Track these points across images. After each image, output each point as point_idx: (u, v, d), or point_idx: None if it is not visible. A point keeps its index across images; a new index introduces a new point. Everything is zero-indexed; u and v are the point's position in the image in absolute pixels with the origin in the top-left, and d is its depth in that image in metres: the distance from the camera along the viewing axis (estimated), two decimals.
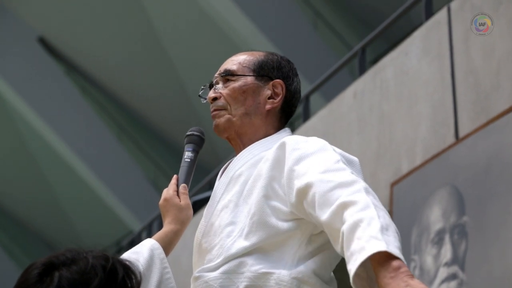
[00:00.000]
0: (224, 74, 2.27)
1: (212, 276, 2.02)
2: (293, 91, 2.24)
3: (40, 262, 1.67)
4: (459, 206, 4.74)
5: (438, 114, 5.24)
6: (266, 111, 2.21)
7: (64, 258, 1.66)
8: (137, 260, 1.98)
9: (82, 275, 1.63)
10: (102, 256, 1.68)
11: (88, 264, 1.65)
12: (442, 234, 4.81)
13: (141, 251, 2.03)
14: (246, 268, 2.00)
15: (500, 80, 4.78)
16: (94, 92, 14.82)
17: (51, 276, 1.64)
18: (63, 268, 1.64)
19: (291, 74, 2.25)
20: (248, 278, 1.99)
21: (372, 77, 6.02)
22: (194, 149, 2.28)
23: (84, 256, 1.67)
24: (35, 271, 1.65)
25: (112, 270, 1.66)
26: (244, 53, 2.30)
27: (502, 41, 4.83)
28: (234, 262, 2.01)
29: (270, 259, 2.01)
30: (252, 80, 2.23)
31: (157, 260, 2.03)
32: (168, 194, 2.18)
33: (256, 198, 2.05)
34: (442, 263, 4.74)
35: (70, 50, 14.65)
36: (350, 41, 12.26)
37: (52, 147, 14.36)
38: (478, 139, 4.72)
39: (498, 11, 4.84)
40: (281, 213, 2.02)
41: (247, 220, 2.04)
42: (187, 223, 2.16)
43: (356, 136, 5.98)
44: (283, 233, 2.01)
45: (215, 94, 2.27)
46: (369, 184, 1.97)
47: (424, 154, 5.25)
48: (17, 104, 14.22)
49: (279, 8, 12.31)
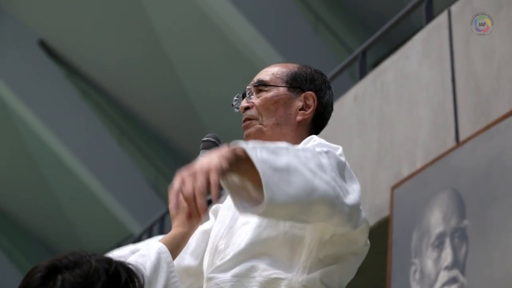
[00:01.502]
0: (257, 84, 2.28)
1: (223, 278, 2.04)
2: (325, 104, 2.25)
3: (43, 265, 1.66)
4: (459, 209, 4.73)
5: (438, 117, 5.24)
6: (297, 122, 2.22)
7: (67, 261, 1.65)
8: (144, 264, 1.97)
9: (85, 278, 1.63)
10: (105, 259, 1.68)
11: (91, 268, 1.64)
12: (442, 238, 4.81)
13: (149, 254, 2.03)
14: (257, 272, 2.02)
15: (500, 83, 4.78)
16: (95, 95, 14.82)
17: (54, 279, 1.63)
18: (66, 271, 1.64)
19: (324, 87, 2.26)
20: (259, 283, 2.01)
21: (373, 81, 6.03)
22: None
23: (87, 259, 1.66)
24: (38, 274, 1.64)
25: (115, 273, 1.66)
26: (278, 64, 2.31)
27: (502, 44, 4.83)
28: (245, 266, 2.03)
29: (281, 265, 2.02)
30: (284, 91, 2.24)
31: (164, 264, 2.02)
32: None
33: None
34: (442, 267, 4.73)
35: (70, 53, 14.65)
36: (350, 45, 12.26)
37: (52, 150, 14.36)
38: (478, 142, 4.72)
39: (499, 15, 4.84)
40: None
41: (259, 218, 2.06)
42: (195, 227, 2.16)
43: (356, 139, 5.98)
44: (291, 233, 2.03)
45: (247, 104, 2.27)
46: (370, 188, 1.99)
47: (425, 157, 5.25)
48: (18, 107, 14.22)
49: (280, 11, 12.32)
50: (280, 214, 1.86)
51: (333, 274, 2.04)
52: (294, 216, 1.89)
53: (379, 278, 5.99)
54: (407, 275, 5.00)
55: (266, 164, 1.78)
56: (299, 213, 1.89)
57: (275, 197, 1.79)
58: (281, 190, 1.80)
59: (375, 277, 6.25)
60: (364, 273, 6.45)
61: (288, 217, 1.90)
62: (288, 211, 1.85)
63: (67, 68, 14.84)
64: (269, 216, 1.90)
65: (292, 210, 1.86)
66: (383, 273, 5.51)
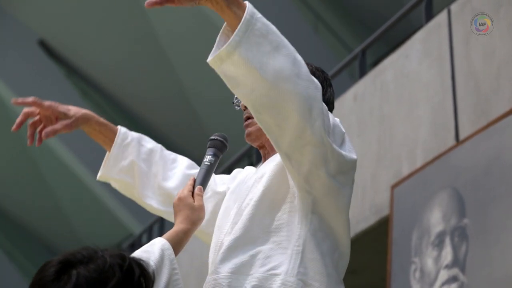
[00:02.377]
0: None
1: (221, 275, 2.06)
2: (326, 101, 2.22)
3: (57, 260, 1.64)
4: (459, 208, 4.74)
5: (438, 117, 5.24)
6: None
7: (81, 256, 1.64)
8: (148, 260, 1.97)
9: (100, 273, 1.61)
10: (118, 255, 1.66)
11: (106, 263, 1.62)
12: (442, 237, 4.81)
13: (152, 250, 2.02)
14: (254, 269, 2.04)
15: (500, 82, 4.79)
16: (95, 95, 14.82)
17: (69, 274, 1.61)
18: (81, 266, 1.62)
19: (325, 85, 2.25)
20: (256, 279, 2.03)
21: (373, 80, 6.03)
22: (215, 153, 2.28)
23: (101, 254, 1.64)
24: (52, 269, 1.62)
25: (128, 269, 1.64)
26: None
27: (502, 43, 4.83)
28: (242, 261, 2.05)
29: (276, 257, 2.04)
30: None
31: (167, 261, 2.02)
32: (182, 194, 2.19)
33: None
34: (442, 266, 4.74)
35: (70, 53, 14.65)
36: (350, 44, 12.26)
37: (52, 150, 14.36)
38: (478, 141, 4.72)
39: (499, 14, 4.84)
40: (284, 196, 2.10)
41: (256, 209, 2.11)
42: (198, 224, 2.17)
43: (356, 138, 5.98)
44: (283, 219, 2.07)
45: None
46: (370, 187, 2.01)
47: (425, 156, 5.25)
48: (18, 107, 14.21)
49: (280, 11, 12.32)
50: (242, 81, 1.92)
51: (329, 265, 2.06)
52: (258, 99, 1.93)
53: (379, 277, 5.99)
54: (407, 274, 5.00)
55: (256, 24, 1.91)
56: (266, 97, 1.92)
57: (241, 47, 1.86)
58: (254, 50, 1.88)
59: (375, 276, 6.25)
60: (364, 272, 6.47)
61: (252, 96, 1.93)
62: (251, 81, 1.91)
63: (67, 68, 14.84)
64: (228, 72, 1.93)
65: (258, 84, 1.90)
66: (383, 272, 5.52)
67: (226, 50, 1.90)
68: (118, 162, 2.50)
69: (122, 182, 2.53)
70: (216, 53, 1.92)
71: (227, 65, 1.92)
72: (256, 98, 1.95)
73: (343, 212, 2.09)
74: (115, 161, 2.50)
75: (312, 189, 2.04)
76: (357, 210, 5.63)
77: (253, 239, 2.07)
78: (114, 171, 2.51)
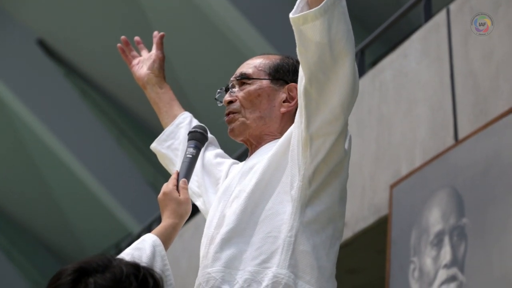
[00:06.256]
0: (239, 78, 2.29)
1: (214, 269, 2.06)
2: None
3: (71, 268, 1.61)
4: (458, 208, 4.74)
5: (437, 116, 5.24)
6: (281, 114, 2.24)
7: (96, 265, 1.61)
8: (140, 257, 1.96)
9: (117, 283, 1.59)
10: (132, 264, 1.64)
11: (122, 273, 1.60)
12: (441, 236, 4.81)
13: (144, 247, 2.03)
14: (246, 262, 2.05)
15: (499, 82, 4.79)
16: (94, 95, 14.81)
17: (85, 282, 1.58)
18: (97, 274, 1.59)
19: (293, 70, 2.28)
20: (248, 272, 2.03)
21: (371, 79, 6.03)
22: (196, 145, 2.30)
23: (117, 264, 1.62)
24: (68, 278, 1.59)
25: (143, 280, 1.62)
26: (260, 56, 2.32)
27: (501, 43, 4.83)
28: (234, 254, 2.06)
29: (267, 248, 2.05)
30: (267, 83, 2.25)
31: (158, 258, 2.02)
32: (167, 188, 2.20)
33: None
34: (441, 265, 4.74)
35: (69, 52, 14.64)
36: None
37: (51, 149, 14.35)
38: (477, 141, 4.72)
39: (497, 14, 4.85)
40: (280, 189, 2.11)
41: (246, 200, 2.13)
42: (185, 217, 2.17)
43: (355, 138, 5.98)
44: (274, 209, 2.08)
45: (231, 98, 2.29)
46: (368, 186, 2.02)
47: (423, 156, 5.26)
48: (17, 107, 14.21)
49: (279, 11, 12.31)
50: (311, 48, 1.95)
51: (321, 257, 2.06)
52: (316, 73, 1.97)
53: (378, 276, 6.00)
54: (406, 273, 5.01)
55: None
56: (324, 75, 1.97)
57: (326, 15, 1.92)
58: (335, 24, 1.95)
59: (374, 276, 6.25)
60: (363, 272, 6.48)
61: (313, 68, 1.98)
62: (320, 53, 1.95)
63: (66, 67, 14.84)
64: (306, 33, 1.95)
65: (325, 58, 1.95)
66: (382, 272, 5.52)
67: (314, 13, 1.92)
68: (170, 139, 2.62)
69: (166, 157, 2.62)
70: (303, 12, 1.93)
71: (307, 27, 1.94)
72: (316, 71, 1.98)
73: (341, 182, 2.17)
74: (167, 137, 2.64)
75: (314, 180, 2.06)
76: (356, 209, 5.64)
77: (244, 230, 2.08)
78: (164, 146, 2.63)
